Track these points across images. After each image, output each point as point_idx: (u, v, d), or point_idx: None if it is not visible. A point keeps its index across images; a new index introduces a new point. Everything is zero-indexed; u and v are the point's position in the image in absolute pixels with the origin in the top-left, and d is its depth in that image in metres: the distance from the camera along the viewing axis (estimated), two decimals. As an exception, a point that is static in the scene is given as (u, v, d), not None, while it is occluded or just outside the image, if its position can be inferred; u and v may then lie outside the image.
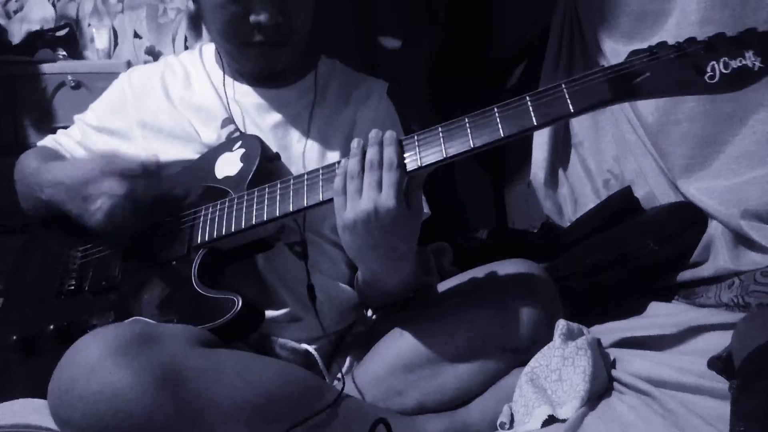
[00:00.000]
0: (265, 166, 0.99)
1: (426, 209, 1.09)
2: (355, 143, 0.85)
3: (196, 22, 1.77)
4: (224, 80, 1.10)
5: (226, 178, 1.00)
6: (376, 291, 1.00)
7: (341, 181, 0.84)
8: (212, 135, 1.07)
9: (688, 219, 1.25)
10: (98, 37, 1.82)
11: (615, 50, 1.36)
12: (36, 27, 1.82)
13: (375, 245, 0.84)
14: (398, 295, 1.01)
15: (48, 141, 1.16)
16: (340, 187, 0.84)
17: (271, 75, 1.09)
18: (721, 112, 1.22)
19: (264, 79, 1.10)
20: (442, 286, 1.07)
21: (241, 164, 1.00)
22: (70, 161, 1.07)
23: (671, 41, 0.77)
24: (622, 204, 1.40)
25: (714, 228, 1.22)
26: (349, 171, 0.83)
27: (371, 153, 0.83)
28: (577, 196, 1.54)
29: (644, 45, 0.79)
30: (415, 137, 0.84)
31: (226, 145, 1.04)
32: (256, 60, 1.05)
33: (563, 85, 0.78)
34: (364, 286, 1.02)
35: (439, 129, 0.83)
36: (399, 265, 0.91)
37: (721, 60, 0.73)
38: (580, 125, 1.55)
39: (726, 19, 1.15)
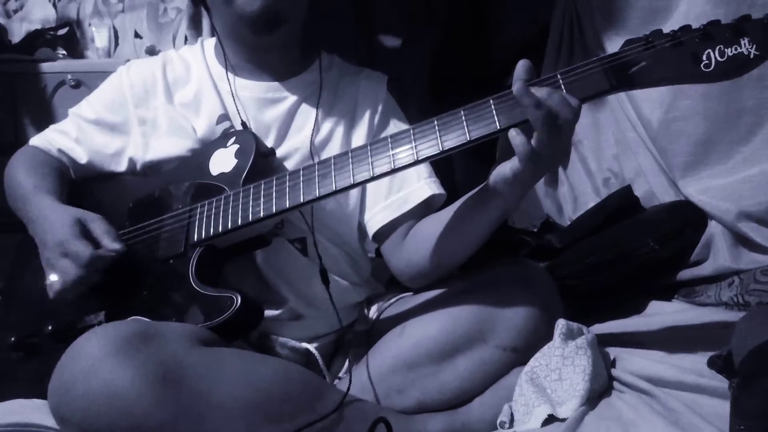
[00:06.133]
0: (260, 161, 0.99)
1: (441, 190, 1.07)
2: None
3: (196, 20, 1.76)
4: (228, 77, 1.08)
5: (221, 174, 1.00)
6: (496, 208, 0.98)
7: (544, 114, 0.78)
8: (208, 131, 1.06)
9: (688, 218, 1.25)
10: (98, 37, 1.82)
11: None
12: (37, 27, 1.81)
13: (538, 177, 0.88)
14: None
15: (41, 141, 1.13)
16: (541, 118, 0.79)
17: (273, 23, 1.01)
18: (714, 110, 1.21)
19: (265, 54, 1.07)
20: (442, 286, 1.07)
21: (236, 160, 0.99)
22: (55, 208, 0.99)
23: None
24: (622, 203, 1.40)
25: (714, 227, 1.22)
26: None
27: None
28: (577, 194, 1.54)
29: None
30: (411, 130, 0.83)
31: (220, 141, 1.03)
32: None
33: (559, 75, 0.78)
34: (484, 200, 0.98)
35: (435, 121, 0.82)
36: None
37: (717, 48, 0.73)
38: (579, 123, 1.55)
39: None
